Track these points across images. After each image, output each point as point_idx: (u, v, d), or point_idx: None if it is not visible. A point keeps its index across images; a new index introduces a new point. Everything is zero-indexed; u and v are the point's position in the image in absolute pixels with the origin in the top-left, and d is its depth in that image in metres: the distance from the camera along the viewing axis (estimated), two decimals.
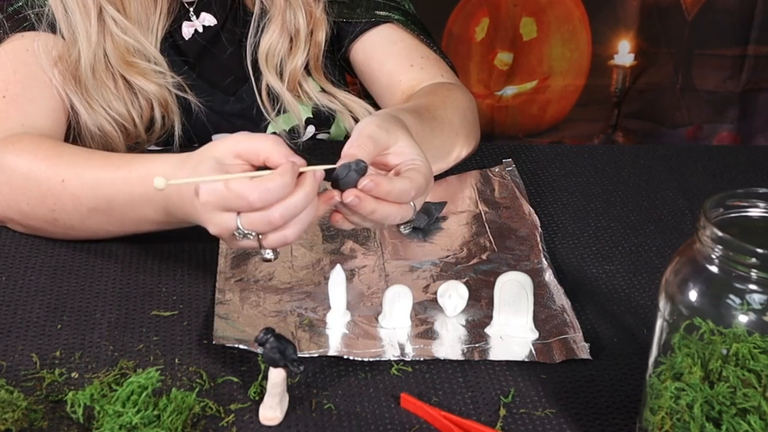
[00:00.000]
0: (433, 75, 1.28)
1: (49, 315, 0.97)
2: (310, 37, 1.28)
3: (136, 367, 0.89)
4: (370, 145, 0.91)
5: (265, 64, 1.26)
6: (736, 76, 2.07)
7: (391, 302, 0.94)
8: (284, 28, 1.25)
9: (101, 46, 1.18)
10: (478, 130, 1.29)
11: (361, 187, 0.88)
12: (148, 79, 1.20)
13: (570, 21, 2.04)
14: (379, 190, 0.89)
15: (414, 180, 0.91)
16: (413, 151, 0.94)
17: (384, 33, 1.31)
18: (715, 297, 0.72)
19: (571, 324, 0.95)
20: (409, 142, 0.95)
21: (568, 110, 2.12)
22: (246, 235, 0.87)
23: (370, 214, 0.89)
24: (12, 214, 1.08)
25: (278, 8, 1.25)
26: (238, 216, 0.86)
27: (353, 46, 1.32)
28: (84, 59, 1.17)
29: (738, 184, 1.27)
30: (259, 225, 0.86)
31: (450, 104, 1.21)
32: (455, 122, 1.20)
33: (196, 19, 1.28)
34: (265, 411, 0.83)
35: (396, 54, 1.30)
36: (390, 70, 1.30)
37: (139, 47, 1.20)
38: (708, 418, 0.71)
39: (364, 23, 1.30)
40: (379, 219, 0.90)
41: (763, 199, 0.76)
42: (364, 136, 0.92)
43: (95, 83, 1.18)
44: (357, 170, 0.88)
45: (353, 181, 0.89)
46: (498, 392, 0.88)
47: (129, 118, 1.20)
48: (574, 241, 1.12)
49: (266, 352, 0.82)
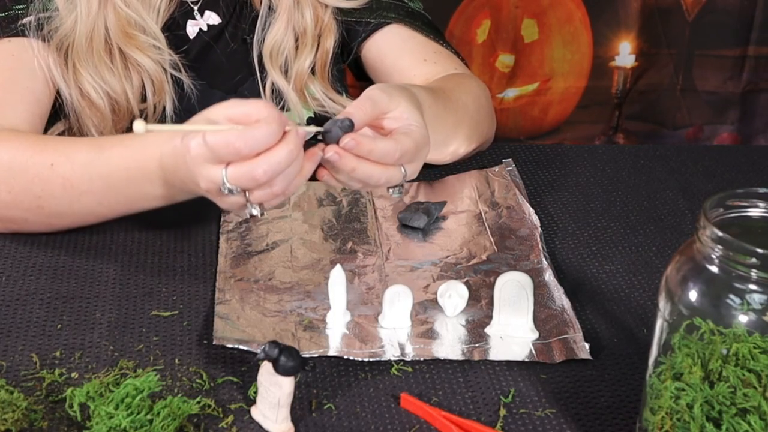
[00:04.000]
0: (447, 68, 1.30)
1: (49, 315, 0.97)
2: (317, 40, 1.28)
3: (136, 367, 0.89)
4: (368, 105, 0.93)
5: (270, 61, 1.26)
6: (737, 77, 2.07)
7: (391, 302, 0.94)
8: (290, 25, 1.26)
9: (102, 18, 1.17)
10: (493, 117, 1.31)
11: (343, 145, 0.90)
12: (144, 53, 1.20)
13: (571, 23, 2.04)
14: (360, 149, 0.90)
15: (400, 142, 0.92)
16: (412, 116, 0.95)
17: (395, 31, 1.32)
18: (715, 297, 0.72)
19: (571, 324, 0.95)
20: (410, 109, 0.96)
21: (569, 112, 2.12)
22: (232, 190, 0.88)
23: (351, 171, 0.91)
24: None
25: (285, 6, 1.25)
26: (225, 169, 0.87)
27: (365, 45, 1.32)
28: (79, 28, 1.16)
29: (738, 184, 1.26)
30: (243, 180, 0.87)
31: (464, 89, 1.23)
32: (469, 105, 1.21)
33: (201, 17, 1.28)
34: (280, 426, 0.82)
35: (409, 50, 1.31)
36: (403, 67, 1.30)
37: (140, 21, 1.20)
38: (708, 418, 0.71)
39: (374, 23, 1.31)
40: (362, 178, 0.92)
41: (763, 199, 0.76)
42: (363, 98, 0.94)
43: (89, 55, 1.18)
44: (341, 127, 0.90)
45: (336, 138, 0.90)
46: (498, 392, 0.88)
47: (122, 92, 1.20)
48: (574, 241, 1.12)
49: (282, 364, 0.80)
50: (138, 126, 0.83)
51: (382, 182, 0.93)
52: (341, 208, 1.16)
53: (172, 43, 1.25)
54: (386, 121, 0.95)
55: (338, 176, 0.93)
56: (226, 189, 0.88)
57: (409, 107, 0.96)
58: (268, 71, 1.27)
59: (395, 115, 0.95)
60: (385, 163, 0.92)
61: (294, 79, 1.27)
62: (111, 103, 1.21)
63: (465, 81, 1.26)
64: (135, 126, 0.83)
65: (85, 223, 1.09)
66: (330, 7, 1.28)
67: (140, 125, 0.83)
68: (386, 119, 0.95)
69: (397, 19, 1.31)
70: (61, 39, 1.17)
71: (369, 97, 0.94)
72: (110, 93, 1.20)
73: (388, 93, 0.95)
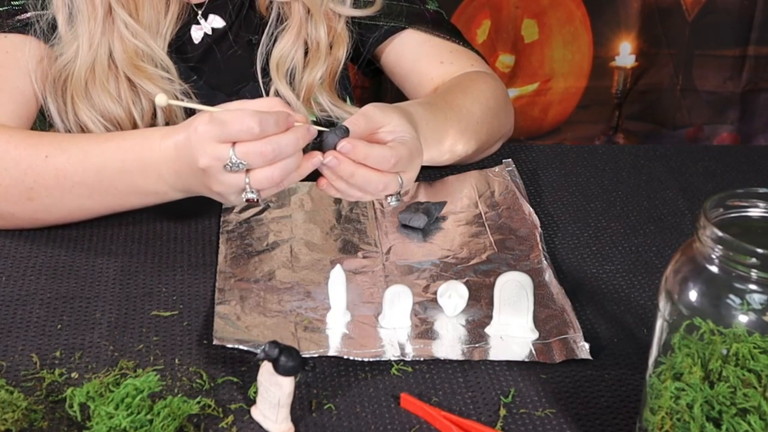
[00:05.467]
0: (463, 66, 1.31)
1: (49, 315, 0.97)
2: (329, 51, 1.28)
3: (136, 367, 0.89)
4: (361, 120, 0.99)
5: (276, 72, 1.26)
6: (737, 77, 2.07)
7: (391, 302, 0.94)
8: (300, 38, 1.25)
9: (105, 48, 1.17)
10: (508, 112, 1.33)
11: (339, 149, 0.95)
12: (154, 84, 1.20)
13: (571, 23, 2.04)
14: (356, 153, 0.95)
15: (395, 149, 0.97)
16: (405, 130, 1.01)
17: (411, 36, 1.32)
18: (715, 297, 0.72)
19: (571, 324, 0.95)
20: (402, 123, 1.01)
21: (569, 112, 2.12)
22: (235, 166, 0.93)
23: (349, 177, 0.96)
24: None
25: (297, 18, 1.24)
26: (232, 147, 0.92)
27: (383, 51, 1.33)
28: (81, 60, 1.16)
29: (738, 184, 1.26)
30: (251, 154, 0.93)
31: (471, 92, 1.24)
32: (474, 110, 1.22)
33: (205, 21, 1.27)
34: (280, 426, 0.82)
35: (425, 54, 1.32)
36: (420, 71, 1.32)
37: (148, 51, 1.19)
38: (708, 418, 0.71)
39: (386, 28, 1.30)
40: (360, 184, 0.96)
41: (763, 199, 0.76)
42: (358, 114, 1.00)
43: (92, 85, 1.18)
44: (338, 134, 0.95)
45: (333, 144, 0.95)
46: (498, 392, 0.88)
47: (128, 117, 1.20)
48: (574, 241, 1.12)
49: (282, 364, 0.80)
50: (160, 99, 0.95)
51: (380, 188, 0.97)
52: (341, 209, 1.16)
53: (177, 49, 1.24)
54: (380, 135, 1.00)
55: (337, 184, 0.97)
56: (230, 165, 0.93)
57: (402, 122, 1.01)
58: (274, 81, 1.26)
59: (389, 129, 1.00)
60: (382, 169, 0.96)
61: (303, 90, 1.27)
62: (113, 128, 1.20)
63: (474, 83, 1.26)
64: (157, 99, 0.94)
65: (71, 219, 1.10)
66: (344, 16, 1.28)
67: (162, 99, 0.95)
68: (380, 133, 1.00)
69: (410, 25, 1.31)
70: (59, 70, 1.17)
71: (363, 113, 1.00)
72: (112, 121, 1.19)
73: (382, 109, 1.01)
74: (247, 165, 0.93)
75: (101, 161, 1.03)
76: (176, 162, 0.99)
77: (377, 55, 1.34)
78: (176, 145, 0.99)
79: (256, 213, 1.14)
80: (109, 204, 1.07)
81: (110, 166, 1.03)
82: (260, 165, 0.93)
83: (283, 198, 1.17)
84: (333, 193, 0.98)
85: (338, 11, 1.26)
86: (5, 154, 1.06)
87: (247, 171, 0.94)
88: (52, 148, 1.05)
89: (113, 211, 1.09)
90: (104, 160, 1.03)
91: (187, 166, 0.98)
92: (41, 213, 1.08)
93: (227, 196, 0.98)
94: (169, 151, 1.00)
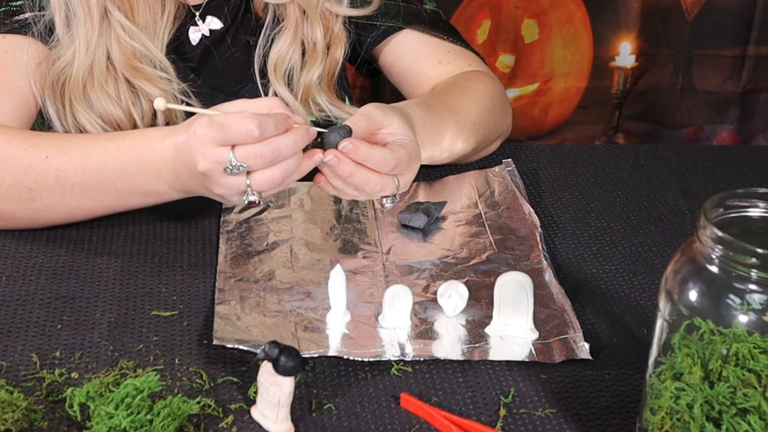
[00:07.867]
0: (461, 66, 1.31)
1: (49, 315, 0.97)
2: (327, 52, 1.28)
3: (136, 367, 0.89)
4: (363, 120, 0.99)
5: (274, 73, 1.26)
6: (737, 77, 2.07)
7: (391, 302, 0.94)
8: (296, 39, 1.25)
9: (102, 50, 1.17)
10: (505, 111, 1.32)
11: (341, 148, 0.95)
12: (153, 84, 1.20)
13: (571, 23, 2.04)
14: (358, 153, 0.95)
15: (395, 151, 0.98)
16: (405, 132, 1.01)
17: (409, 36, 1.32)
18: (715, 297, 0.72)
19: (571, 324, 0.95)
20: (402, 126, 1.02)
21: (569, 113, 2.12)
22: (235, 169, 0.93)
23: (348, 176, 0.96)
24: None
25: (293, 20, 1.24)
26: (232, 150, 0.93)
27: (382, 51, 1.33)
28: (78, 63, 1.16)
29: (738, 184, 1.26)
30: (251, 157, 0.93)
31: (468, 93, 1.24)
32: (471, 110, 1.22)
33: (203, 23, 1.27)
34: (280, 426, 0.82)
35: (423, 54, 1.32)
36: (418, 71, 1.32)
37: (146, 52, 1.19)
38: (708, 418, 0.71)
39: (384, 29, 1.30)
40: (358, 183, 0.97)
41: (763, 199, 0.76)
42: (359, 114, 1.00)
43: (90, 87, 1.18)
44: (340, 133, 0.96)
45: (335, 142, 0.96)
46: (498, 392, 0.88)
47: (127, 118, 1.20)
48: (574, 241, 1.12)
49: (282, 364, 0.80)
50: (159, 103, 0.95)
51: (377, 189, 0.98)
52: (341, 209, 1.16)
53: (175, 50, 1.24)
54: (380, 135, 1.00)
55: (334, 181, 0.97)
56: (230, 168, 0.93)
57: (402, 125, 1.02)
58: (272, 82, 1.26)
59: (389, 130, 1.01)
60: (381, 171, 0.97)
61: (301, 91, 1.27)
62: (113, 130, 1.20)
63: (471, 82, 1.26)
64: (156, 103, 0.95)
65: (72, 219, 1.10)
66: (341, 16, 1.28)
67: (161, 102, 0.95)
68: (380, 134, 1.00)
69: (408, 25, 1.31)
70: (57, 73, 1.17)
71: (364, 113, 1.00)
72: (112, 123, 1.20)
73: (382, 109, 1.02)
74: (247, 167, 0.93)
75: (101, 161, 1.04)
76: (176, 163, 0.99)
77: (375, 56, 1.34)
78: (176, 147, 0.99)
79: (255, 213, 1.14)
80: (110, 204, 1.07)
81: (110, 167, 1.03)
82: (260, 167, 0.94)
83: (282, 198, 1.17)
84: (329, 190, 0.99)
85: (335, 11, 1.26)
86: (6, 154, 1.06)
87: (248, 173, 0.94)
88: (53, 149, 1.06)
89: (113, 211, 1.09)
90: (104, 161, 1.03)
91: (187, 168, 0.98)
92: (41, 213, 1.08)
93: (228, 197, 0.98)
94: (168, 151, 1.00)
